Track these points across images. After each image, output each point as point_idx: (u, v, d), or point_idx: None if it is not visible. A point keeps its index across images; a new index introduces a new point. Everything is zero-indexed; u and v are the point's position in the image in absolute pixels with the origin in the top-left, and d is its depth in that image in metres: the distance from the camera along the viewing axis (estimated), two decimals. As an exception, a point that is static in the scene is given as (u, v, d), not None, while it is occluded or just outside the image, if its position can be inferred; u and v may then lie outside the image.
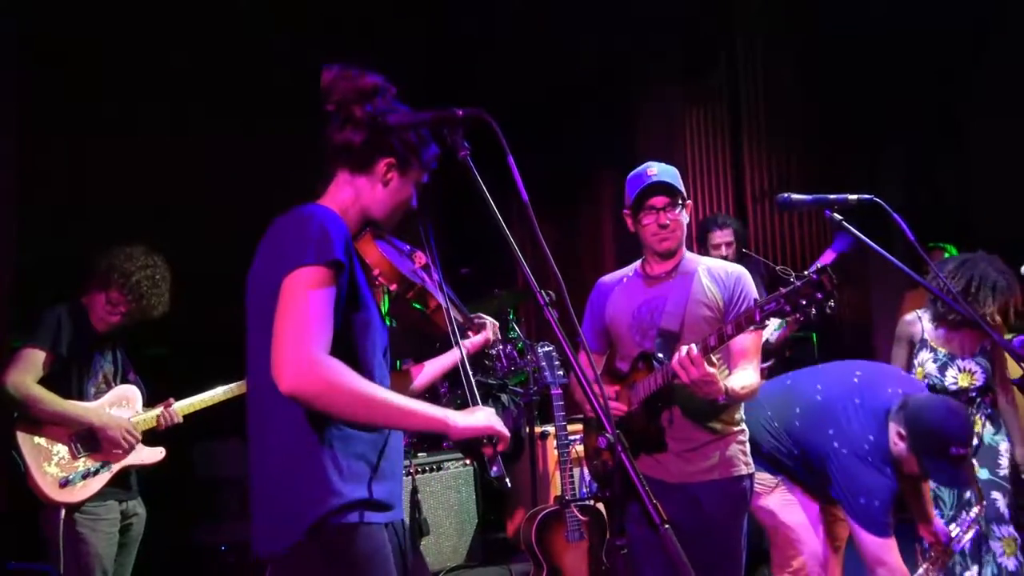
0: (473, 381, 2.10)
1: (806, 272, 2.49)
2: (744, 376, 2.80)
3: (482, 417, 1.95)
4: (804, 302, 2.46)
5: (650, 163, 2.96)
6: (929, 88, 6.64)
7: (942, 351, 3.73)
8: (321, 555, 1.83)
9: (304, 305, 1.79)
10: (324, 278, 1.82)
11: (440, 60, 6.10)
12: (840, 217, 2.66)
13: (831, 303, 2.47)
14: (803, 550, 3.24)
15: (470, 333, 2.47)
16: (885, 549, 2.97)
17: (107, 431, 3.31)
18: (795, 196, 2.64)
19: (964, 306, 2.83)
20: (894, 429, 2.99)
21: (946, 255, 5.59)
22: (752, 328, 2.65)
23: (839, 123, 6.51)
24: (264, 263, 1.93)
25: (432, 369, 2.44)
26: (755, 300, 2.63)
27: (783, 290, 2.49)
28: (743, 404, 2.93)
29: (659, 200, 2.88)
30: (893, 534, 3.00)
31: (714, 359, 2.65)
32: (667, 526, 1.48)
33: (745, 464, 2.89)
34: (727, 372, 2.79)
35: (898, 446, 2.98)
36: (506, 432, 1.96)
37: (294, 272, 1.81)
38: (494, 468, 2.01)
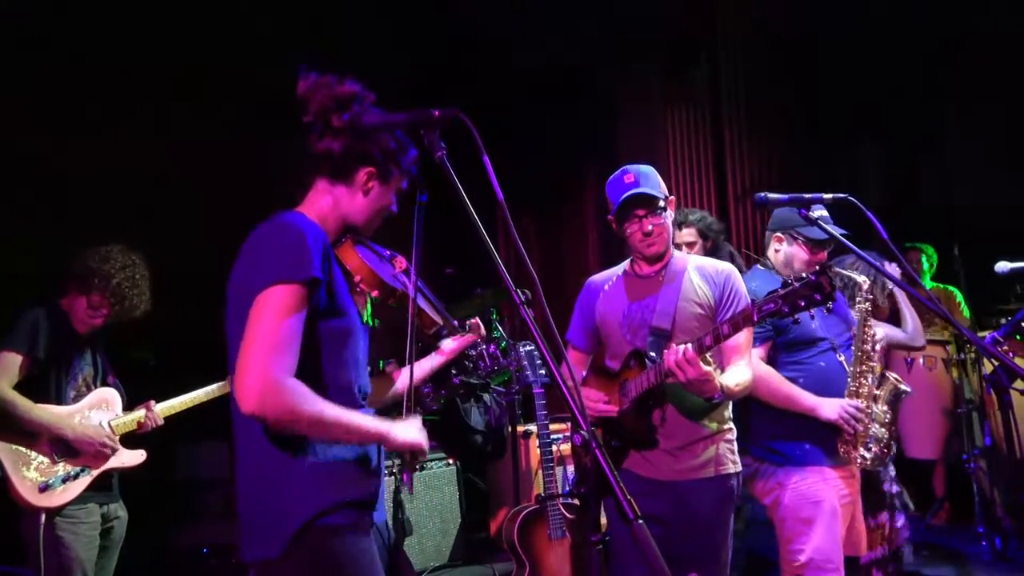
0: (413, 393, 2.24)
1: (804, 274, 2.50)
2: (738, 373, 2.83)
3: (414, 432, 2.04)
4: (803, 303, 2.48)
5: (627, 168, 2.96)
6: (908, 87, 6.70)
7: None
8: (308, 558, 1.83)
9: (273, 326, 1.79)
10: (296, 297, 1.82)
11: (422, 60, 6.09)
12: (816, 216, 2.69)
13: (829, 305, 2.48)
14: (807, 548, 3.07)
15: (449, 338, 2.48)
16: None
17: (82, 442, 3.27)
18: (771, 195, 2.67)
19: (936, 302, 2.87)
20: (769, 239, 3.37)
21: (923, 255, 5.65)
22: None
23: (820, 122, 6.55)
24: (242, 273, 1.93)
25: (416, 373, 2.46)
26: (752, 300, 2.64)
27: (781, 291, 2.50)
28: (731, 403, 2.95)
29: (639, 210, 2.89)
30: (759, 344, 3.19)
31: (707, 356, 2.66)
32: (640, 521, 1.48)
33: (733, 463, 2.91)
34: (719, 370, 2.79)
35: (779, 251, 3.34)
36: (426, 450, 2.09)
37: (267, 290, 1.81)
38: (405, 476, 2.10)
